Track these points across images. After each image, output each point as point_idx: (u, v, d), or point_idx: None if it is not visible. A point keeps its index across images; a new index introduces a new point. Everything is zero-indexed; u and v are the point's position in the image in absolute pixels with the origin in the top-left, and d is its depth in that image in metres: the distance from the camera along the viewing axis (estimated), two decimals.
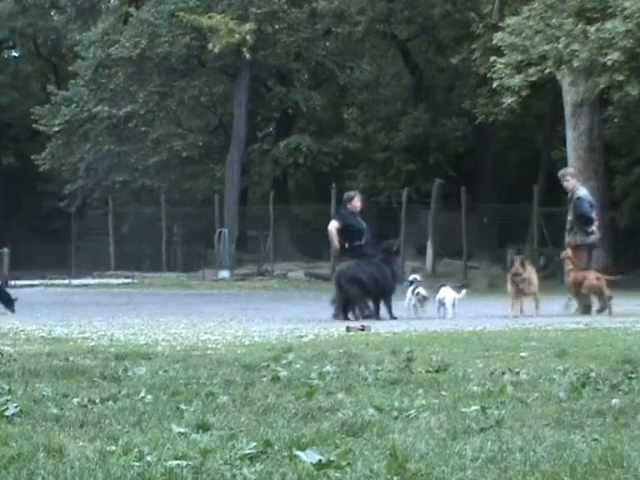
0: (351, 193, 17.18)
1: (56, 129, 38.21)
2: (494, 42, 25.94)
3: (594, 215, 16.71)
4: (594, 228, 16.64)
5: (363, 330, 12.53)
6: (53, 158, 39.15)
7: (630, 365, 7.63)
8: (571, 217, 16.50)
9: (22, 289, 29.58)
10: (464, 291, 16.77)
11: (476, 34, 30.33)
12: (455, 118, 36.39)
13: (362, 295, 15.73)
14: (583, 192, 16.91)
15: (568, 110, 27.66)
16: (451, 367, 7.74)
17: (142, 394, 6.24)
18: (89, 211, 40.99)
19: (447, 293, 15.92)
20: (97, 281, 33.67)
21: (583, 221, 16.42)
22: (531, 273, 15.80)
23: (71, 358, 8.57)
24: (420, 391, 6.47)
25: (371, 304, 15.89)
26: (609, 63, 23.36)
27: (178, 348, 10.12)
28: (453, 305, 15.69)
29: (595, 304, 16.10)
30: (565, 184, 16.90)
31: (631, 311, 16.54)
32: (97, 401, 5.99)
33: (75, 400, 6.03)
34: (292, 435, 4.85)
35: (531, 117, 35.24)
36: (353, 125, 38.52)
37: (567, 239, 16.59)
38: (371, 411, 5.58)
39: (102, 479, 4.02)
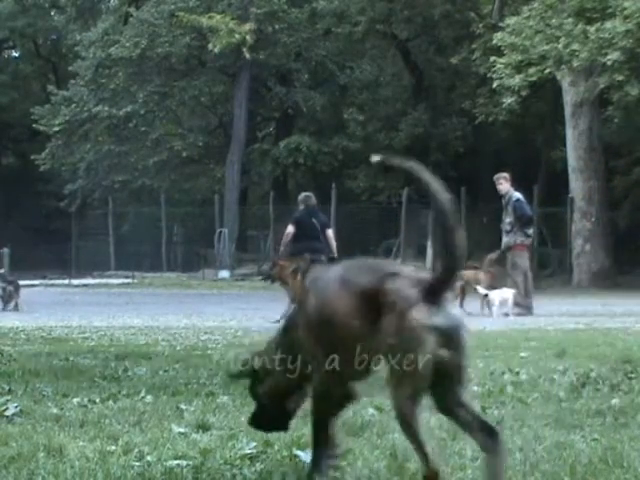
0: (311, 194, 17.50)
1: (56, 129, 38.20)
2: (494, 42, 25.96)
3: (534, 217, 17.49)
4: (532, 230, 17.21)
5: None
6: (53, 158, 39.15)
7: (630, 365, 7.63)
8: (510, 219, 16.83)
9: (22, 289, 29.57)
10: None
11: (476, 34, 30.36)
12: (455, 118, 36.39)
13: None
14: (519, 195, 17.28)
15: (568, 110, 27.67)
16: None
17: (142, 394, 6.24)
18: (89, 211, 40.98)
19: (496, 292, 16.24)
20: (97, 281, 33.66)
21: (524, 221, 16.81)
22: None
23: (71, 358, 8.56)
24: None
25: None
26: (609, 63, 23.39)
27: (178, 348, 10.11)
28: (501, 304, 15.96)
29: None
30: (499, 187, 17.33)
31: (631, 311, 16.55)
32: (97, 401, 5.99)
33: (75, 400, 6.03)
34: (292, 435, 4.84)
35: (531, 117, 35.24)
36: (353, 125, 38.50)
37: (505, 239, 16.89)
38: (371, 411, 5.58)
39: (102, 479, 4.02)
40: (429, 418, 5.43)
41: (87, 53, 37.96)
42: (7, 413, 5.50)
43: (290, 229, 16.50)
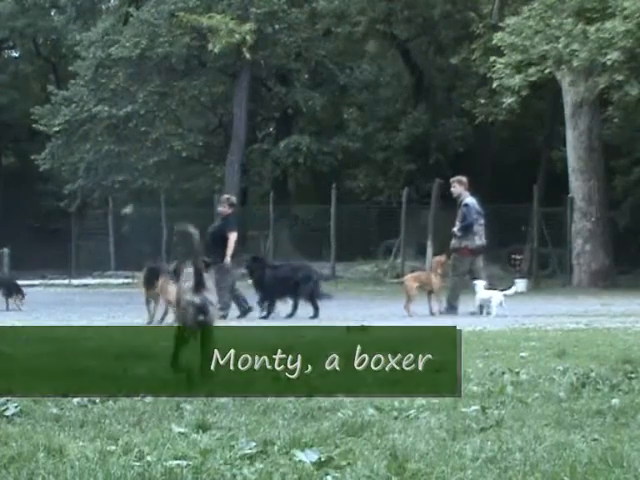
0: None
1: (56, 129, 38.15)
2: (494, 42, 25.95)
3: (479, 223, 17.42)
4: (469, 235, 17.30)
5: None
6: (53, 158, 39.11)
7: (630, 365, 7.64)
8: (457, 221, 17.29)
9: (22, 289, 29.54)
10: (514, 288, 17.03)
11: (476, 34, 30.33)
12: (455, 118, 36.38)
13: None
14: (470, 200, 17.55)
15: (568, 110, 27.67)
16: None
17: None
18: (89, 211, 40.96)
19: (493, 294, 16.47)
20: (97, 281, 33.64)
21: (463, 227, 17.20)
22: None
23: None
24: None
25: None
26: (609, 63, 23.37)
27: None
28: (499, 304, 16.23)
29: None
30: (452, 189, 17.77)
31: (631, 311, 16.56)
32: (97, 401, 5.99)
33: (75, 400, 6.03)
34: (292, 435, 4.85)
35: (531, 117, 35.22)
36: (353, 125, 38.50)
37: (453, 242, 17.33)
38: (371, 411, 5.58)
39: (102, 479, 4.02)
40: (429, 418, 5.44)
41: (87, 53, 37.92)
42: (7, 413, 5.50)
43: (236, 235, 16.63)
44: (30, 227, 43.94)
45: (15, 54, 50.89)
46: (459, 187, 17.54)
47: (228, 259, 16.32)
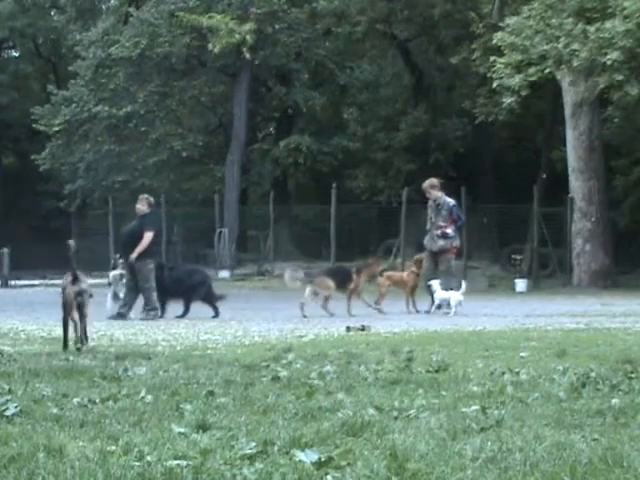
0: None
1: (56, 129, 38.17)
2: (494, 42, 25.96)
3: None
4: (457, 235, 17.82)
5: (363, 330, 12.54)
6: (53, 158, 39.13)
7: (630, 365, 7.64)
8: (446, 223, 17.44)
9: (22, 289, 29.59)
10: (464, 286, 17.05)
11: (476, 34, 30.34)
12: (455, 118, 36.38)
13: None
14: (454, 200, 18.05)
15: (568, 110, 27.67)
16: (451, 367, 7.74)
17: (142, 394, 6.24)
18: (89, 211, 40.96)
19: (452, 293, 16.67)
20: (97, 281, 33.56)
21: (459, 226, 17.73)
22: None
23: (71, 358, 8.57)
24: (420, 391, 6.48)
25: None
26: (609, 63, 23.38)
27: (178, 348, 10.13)
28: (458, 304, 16.49)
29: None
30: (428, 196, 17.96)
31: (631, 311, 16.57)
32: (97, 401, 5.99)
33: (75, 400, 6.03)
34: (292, 435, 4.85)
35: (531, 117, 35.23)
36: (353, 125, 38.50)
37: (441, 242, 17.40)
38: (371, 411, 5.58)
39: (102, 479, 4.02)
40: (429, 418, 5.44)
41: (87, 53, 37.94)
42: (7, 413, 5.50)
43: (151, 235, 16.54)
44: (30, 227, 43.94)
45: (15, 54, 50.90)
46: (435, 191, 17.73)
47: (134, 255, 16.29)
